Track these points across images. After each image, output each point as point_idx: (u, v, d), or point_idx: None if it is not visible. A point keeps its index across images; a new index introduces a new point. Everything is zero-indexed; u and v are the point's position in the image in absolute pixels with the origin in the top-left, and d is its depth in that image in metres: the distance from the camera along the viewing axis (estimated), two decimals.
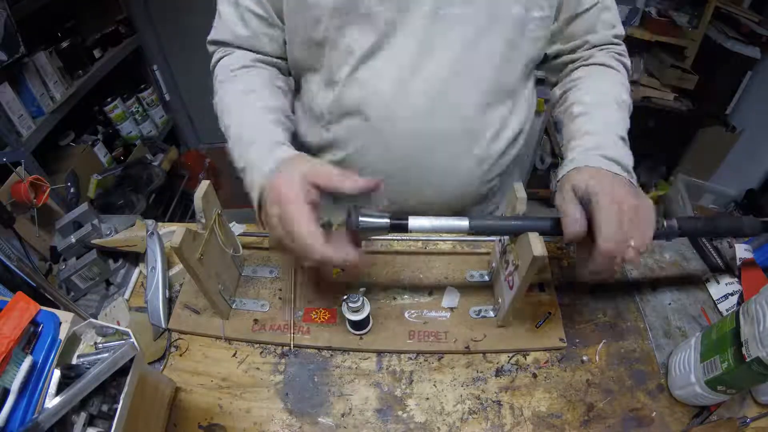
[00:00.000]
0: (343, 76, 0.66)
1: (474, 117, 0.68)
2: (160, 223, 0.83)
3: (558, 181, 0.58)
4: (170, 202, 2.21)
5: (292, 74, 0.78)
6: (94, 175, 1.78)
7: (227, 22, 0.70)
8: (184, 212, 2.26)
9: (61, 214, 0.85)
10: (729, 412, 0.58)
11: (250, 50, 0.71)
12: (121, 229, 0.75)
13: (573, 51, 0.72)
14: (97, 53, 1.87)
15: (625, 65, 0.71)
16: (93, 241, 0.73)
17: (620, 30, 0.71)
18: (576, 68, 0.72)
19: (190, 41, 2.34)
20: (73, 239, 0.72)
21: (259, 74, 0.70)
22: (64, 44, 1.67)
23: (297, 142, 0.79)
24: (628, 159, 0.58)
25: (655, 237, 0.53)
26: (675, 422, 0.58)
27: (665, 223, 0.56)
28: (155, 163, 2.03)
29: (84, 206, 0.75)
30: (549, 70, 0.78)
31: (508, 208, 0.61)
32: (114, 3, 2.06)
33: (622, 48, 0.72)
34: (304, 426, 0.59)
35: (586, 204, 0.51)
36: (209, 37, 0.74)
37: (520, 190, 0.58)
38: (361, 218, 0.52)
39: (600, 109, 0.64)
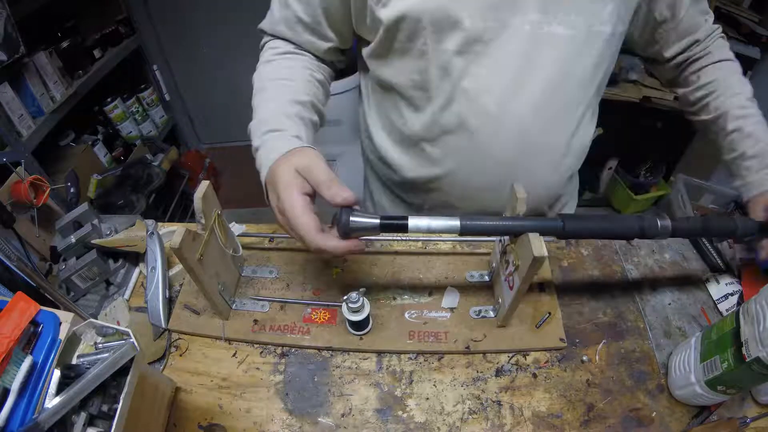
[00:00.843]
0: (444, 93, 0.66)
1: (570, 130, 0.70)
2: (160, 223, 0.84)
3: (747, 201, 0.69)
4: (170, 202, 2.21)
5: (366, 90, 0.79)
6: (94, 175, 1.78)
7: (274, 22, 0.71)
8: (184, 212, 2.27)
9: (61, 214, 0.85)
10: (729, 412, 0.58)
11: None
12: (121, 229, 0.75)
13: (684, 51, 0.74)
14: (97, 53, 1.87)
15: (729, 47, 0.75)
16: (93, 241, 0.72)
17: (710, 13, 0.73)
18: (700, 69, 0.74)
19: (190, 41, 2.35)
20: (73, 239, 0.72)
21: (302, 63, 0.71)
22: (64, 44, 1.67)
23: (381, 162, 0.82)
24: None
25: (650, 237, 0.55)
26: (675, 422, 0.58)
27: (659, 224, 0.56)
28: (155, 163, 2.03)
29: (84, 206, 0.75)
30: (662, 72, 0.81)
31: (509, 208, 0.61)
32: (114, 3, 2.06)
33: (719, 29, 0.74)
34: (304, 426, 0.59)
35: None
36: (260, 26, 0.75)
37: (520, 191, 0.58)
38: (351, 218, 0.51)
39: (755, 125, 0.69)
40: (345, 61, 0.79)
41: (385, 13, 0.61)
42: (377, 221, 0.52)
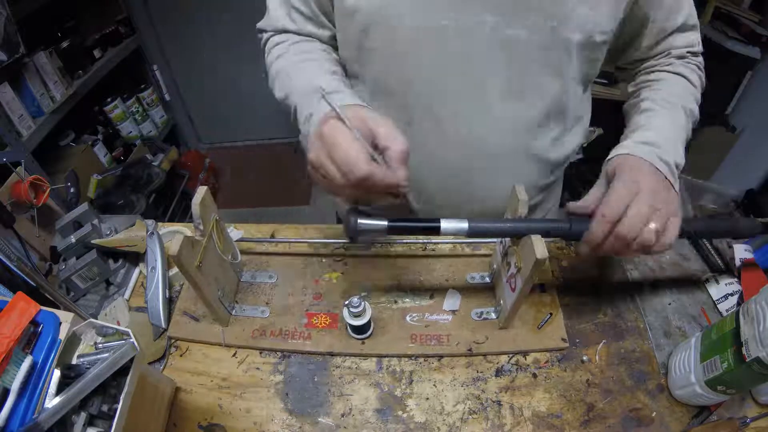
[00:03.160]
0: (396, 91, 0.65)
1: (527, 136, 0.68)
2: (160, 223, 0.84)
3: (604, 163, 0.61)
4: (170, 202, 2.21)
5: None
6: (94, 175, 1.78)
7: (274, 18, 0.71)
8: (184, 212, 2.27)
9: (61, 214, 0.85)
10: (729, 412, 0.58)
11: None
12: (121, 229, 0.75)
13: (651, 59, 0.72)
14: (97, 53, 1.87)
15: (701, 80, 0.71)
16: (93, 241, 0.72)
17: (700, 47, 0.71)
18: (654, 71, 0.71)
19: (190, 41, 2.35)
20: (73, 239, 0.72)
21: (317, 46, 0.70)
22: (64, 44, 1.68)
23: None
24: (679, 159, 0.59)
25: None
26: (675, 422, 0.58)
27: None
28: (155, 163, 2.03)
29: (84, 206, 0.75)
30: (622, 72, 0.78)
31: (510, 210, 0.61)
32: (114, 3, 2.07)
33: (700, 60, 0.72)
34: (304, 426, 0.59)
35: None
36: (258, 25, 0.74)
37: (521, 192, 0.58)
38: (360, 220, 0.52)
39: (667, 110, 0.64)
40: None
41: (341, 5, 0.62)
42: (385, 223, 0.53)
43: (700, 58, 0.72)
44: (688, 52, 0.70)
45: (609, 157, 0.60)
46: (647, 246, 0.52)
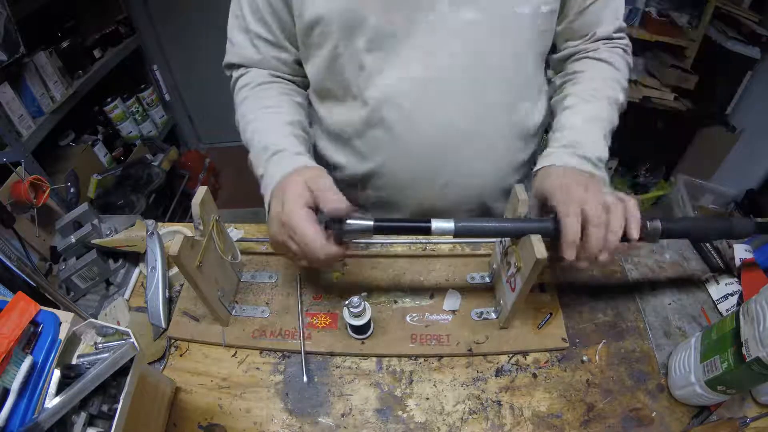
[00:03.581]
0: (360, 91, 0.67)
1: (496, 116, 0.69)
2: (160, 223, 0.84)
3: (534, 175, 0.63)
4: (170, 202, 2.21)
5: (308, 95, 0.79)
6: (94, 175, 1.78)
7: (238, 48, 0.72)
8: (184, 212, 2.27)
9: (61, 214, 0.85)
10: (729, 412, 0.58)
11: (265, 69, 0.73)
12: (121, 229, 0.75)
13: (579, 42, 0.72)
14: (97, 53, 1.87)
15: (627, 63, 0.72)
16: (93, 241, 0.72)
17: (623, 23, 0.72)
18: (578, 60, 0.72)
19: (190, 41, 2.35)
20: (73, 239, 0.72)
21: (279, 90, 0.72)
22: (64, 44, 1.68)
23: (317, 157, 0.81)
24: (600, 153, 0.61)
25: (639, 239, 0.54)
26: (675, 422, 0.58)
27: (648, 224, 0.55)
28: (155, 163, 2.03)
29: (84, 206, 0.75)
30: (555, 62, 0.78)
31: (510, 210, 0.61)
32: (114, 3, 2.07)
33: (626, 42, 0.73)
34: (304, 426, 0.59)
35: (550, 211, 0.55)
36: (224, 61, 0.76)
37: (521, 192, 0.58)
38: (346, 221, 0.53)
39: (588, 104, 0.66)
40: None
41: (301, 18, 0.64)
42: (371, 223, 0.53)
43: (627, 41, 0.73)
44: (615, 31, 0.71)
45: (536, 168, 0.63)
46: (620, 245, 0.53)
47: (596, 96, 0.66)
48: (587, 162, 0.59)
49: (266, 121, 0.67)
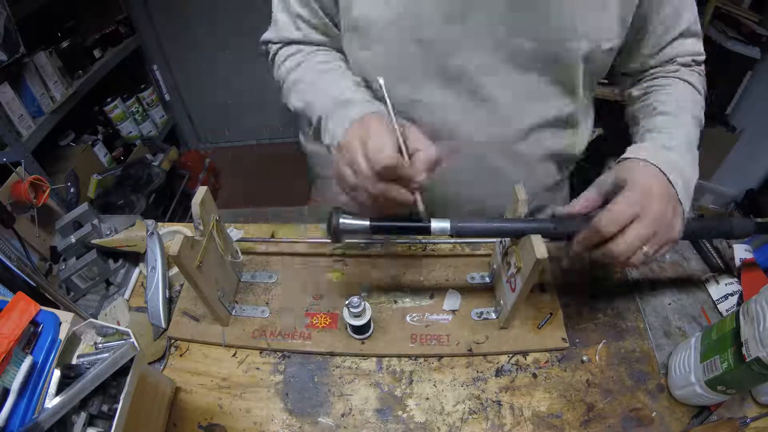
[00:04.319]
0: (398, 103, 0.64)
1: (532, 140, 0.67)
2: (160, 223, 0.84)
3: (617, 161, 0.57)
4: (170, 202, 2.21)
5: None
6: (94, 175, 1.78)
7: (281, 28, 0.71)
8: (184, 212, 2.27)
9: (61, 214, 0.85)
10: (729, 412, 0.58)
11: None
12: (121, 229, 0.75)
13: (656, 66, 0.69)
14: (97, 53, 1.87)
15: (704, 89, 0.69)
16: (93, 241, 0.72)
17: (704, 56, 0.69)
18: (659, 76, 0.69)
19: (190, 41, 2.35)
20: (73, 239, 0.72)
21: (333, 53, 0.70)
22: (64, 44, 1.68)
23: None
24: (693, 175, 0.56)
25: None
26: (675, 422, 0.58)
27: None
28: (155, 163, 2.03)
29: (84, 206, 0.75)
30: (625, 77, 0.75)
31: (510, 210, 0.61)
32: (114, 3, 2.07)
33: (703, 69, 0.70)
34: (304, 426, 0.59)
35: (613, 193, 0.52)
36: (263, 37, 0.74)
37: (521, 192, 0.58)
38: (341, 220, 0.52)
39: (681, 117, 0.62)
40: None
41: (347, 16, 0.62)
42: (367, 223, 0.53)
43: (703, 67, 0.70)
44: (692, 60, 0.68)
45: (625, 156, 0.57)
46: (633, 264, 0.51)
47: (687, 111, 0.62)
48: (681, 179, 0.54)
49: (333, 77, 0.64)
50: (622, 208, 0.50)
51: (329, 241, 0.78)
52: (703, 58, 0.69)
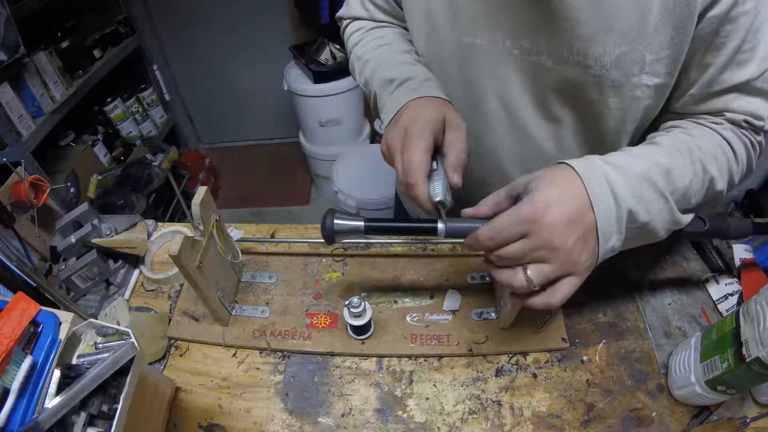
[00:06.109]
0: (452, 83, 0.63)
1: (553, 152, 0.64)
2: (160, 223, 0.84)
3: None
4: (170, 202, 2.21)
5: None
6: (94, 175, 1.78)
7: (351, 8, 0.74)
8: (184, 212, 2.27)
9: (61, 214, 0.86)
10: (729, 412, 0.58)
11: None
12: (121, 230, 0.75)
13: (700, 114, 0.55)
14: (97, 53, 1.87)
15: (749, 161, 0.54)
16: (93, 241, 0.72)
17: (764, 124, 0.53)
18: (694, 121, 0.55)
19: (190, 41, 2.35)
20: (73, 239, 0.72)
21: (389, 29, 0.71)
22: (64, 44, 1.68)
23: None
24: (643, 208, 0.44)
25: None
26: (675, 422, 0.58)
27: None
28: (155, 163, 2.03)
29: (84, 206, 0.75)
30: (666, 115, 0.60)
31: None
32: (114, 3, 2.07)
33: (761, 140, 0.54)
34: (304, 426, 0.59)
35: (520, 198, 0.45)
36: (337, 14, 0.77)
37: None
38: (336, 221, 0.51)
39: (674, 155, 0.48)
40: None
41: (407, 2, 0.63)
42: (361, 224, 0.52)
43: (761, 138, 0.54)
44: (746, 122, 0.52)
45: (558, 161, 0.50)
46: (518, 294, 0.43)
47: (691, 155, 0.49)
48: (611, 198, 0.43)
49: (386, 54, 0.65)
50: (504, 224, 0.42)
51: None
52: (762, 125, 0.53)
